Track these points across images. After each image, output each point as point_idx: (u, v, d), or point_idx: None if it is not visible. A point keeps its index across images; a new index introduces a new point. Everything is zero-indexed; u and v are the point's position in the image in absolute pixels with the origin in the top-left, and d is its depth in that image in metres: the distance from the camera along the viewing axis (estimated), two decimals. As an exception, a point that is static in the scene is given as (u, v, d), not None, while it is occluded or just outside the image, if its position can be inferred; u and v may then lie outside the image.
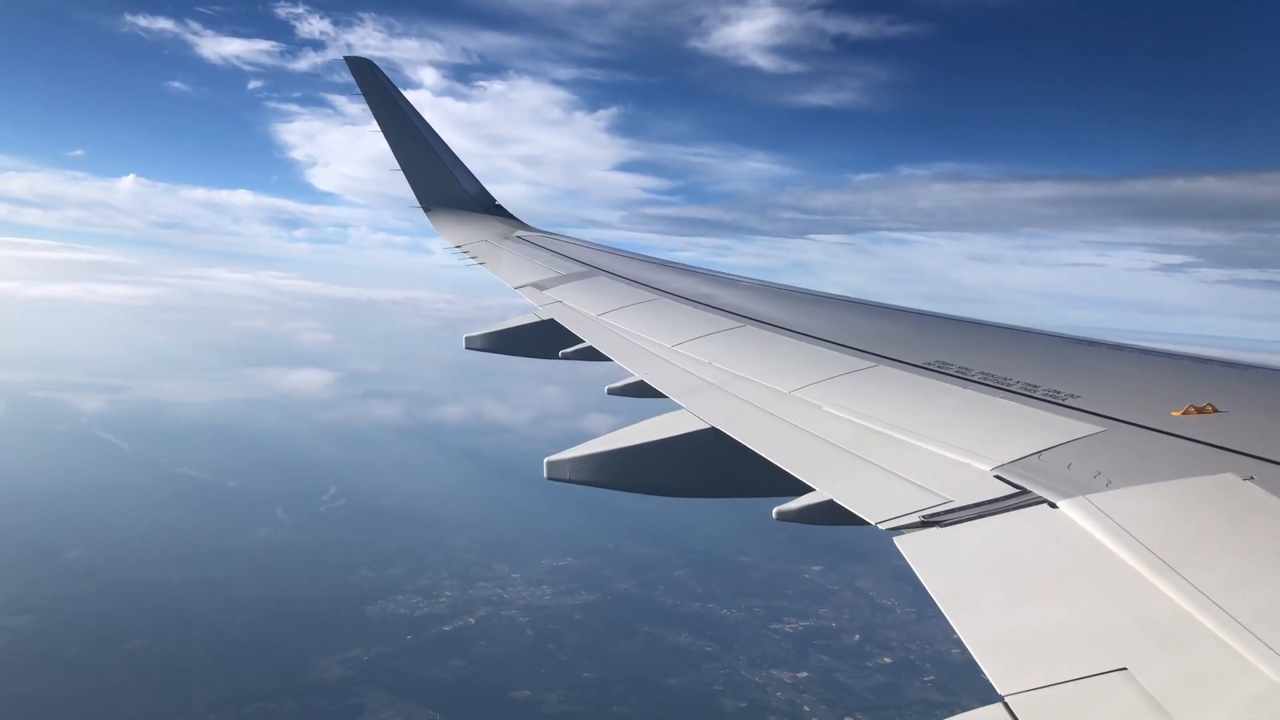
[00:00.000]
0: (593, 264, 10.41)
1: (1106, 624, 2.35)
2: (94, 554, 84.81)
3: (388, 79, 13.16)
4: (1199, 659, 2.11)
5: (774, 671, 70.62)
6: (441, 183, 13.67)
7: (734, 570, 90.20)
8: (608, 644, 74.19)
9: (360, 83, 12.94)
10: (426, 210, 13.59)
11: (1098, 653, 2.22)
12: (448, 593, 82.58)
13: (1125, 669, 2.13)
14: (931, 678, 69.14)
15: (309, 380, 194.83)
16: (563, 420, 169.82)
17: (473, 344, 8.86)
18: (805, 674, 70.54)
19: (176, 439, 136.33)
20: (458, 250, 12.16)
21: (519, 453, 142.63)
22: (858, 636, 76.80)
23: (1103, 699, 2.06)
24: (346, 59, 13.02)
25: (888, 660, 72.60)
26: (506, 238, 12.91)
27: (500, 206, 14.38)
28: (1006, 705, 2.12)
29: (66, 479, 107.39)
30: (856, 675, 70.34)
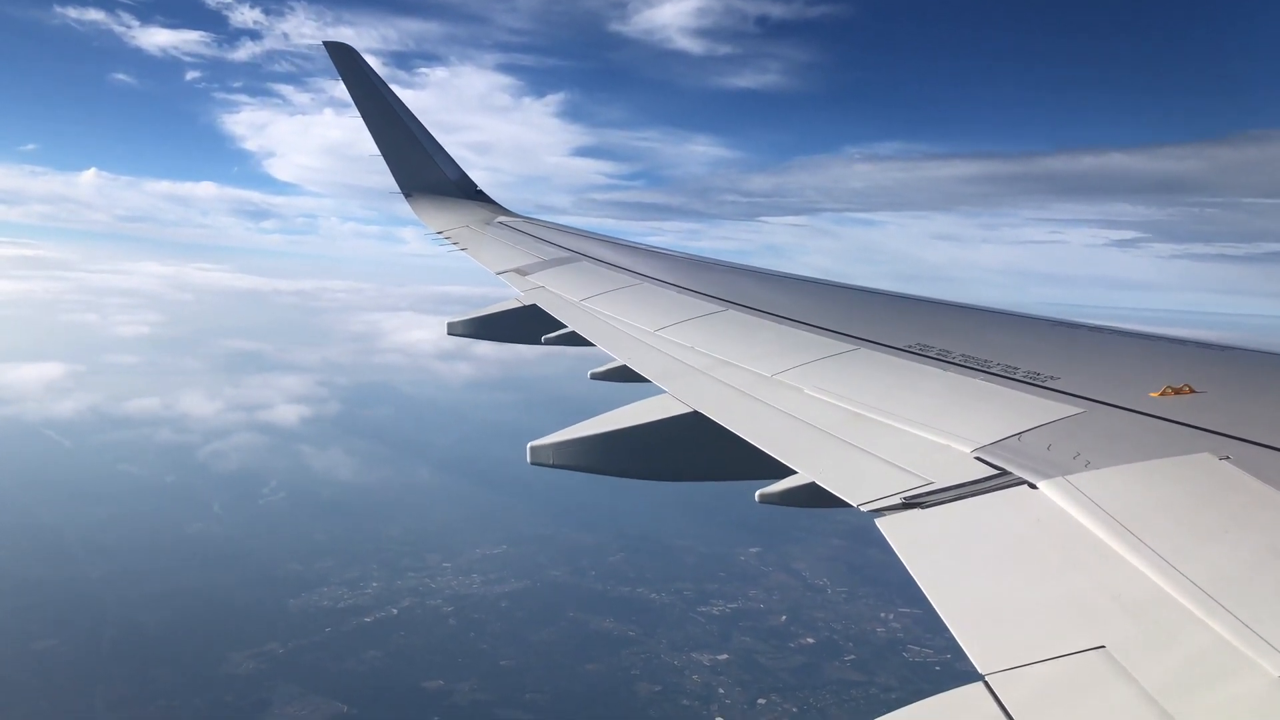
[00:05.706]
0: (576, 249, 10.38)
1: (1085, 603, 2.38)
2: (14, 553, 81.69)
3: (367, 64, 13.01)
4: (1175, 637, 2.15)
5: (694, 654, 70.27)
6: (423, 169, 13.57)
7: (669, 554, 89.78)
8: (530, 631, 73.52)
9: (340, 68, 12.80)
10: (407, 196, 13.44)
11: (1076, 631, 2.25)
12: (374, 584, 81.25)
13: (1103, 647, 2.16)
14: (851, 657, 69.10)
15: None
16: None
17: (454, 330, 8.77)
18: (725, 656, 70.27)
19: (123, 436, 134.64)
20: (439, 236, 12.02)
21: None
22: (784, 617, 76.70)
23: (1081, 677, 2.09)
24: (326, 44, 12.95)
25: (810, 640, 72.49)
26: (489, 223, 12.84)
27: (482, 192, 14.26)
28: (987, 684, 2.12)
29: (1, 478, 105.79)
30: (777, 656, 70.15)
